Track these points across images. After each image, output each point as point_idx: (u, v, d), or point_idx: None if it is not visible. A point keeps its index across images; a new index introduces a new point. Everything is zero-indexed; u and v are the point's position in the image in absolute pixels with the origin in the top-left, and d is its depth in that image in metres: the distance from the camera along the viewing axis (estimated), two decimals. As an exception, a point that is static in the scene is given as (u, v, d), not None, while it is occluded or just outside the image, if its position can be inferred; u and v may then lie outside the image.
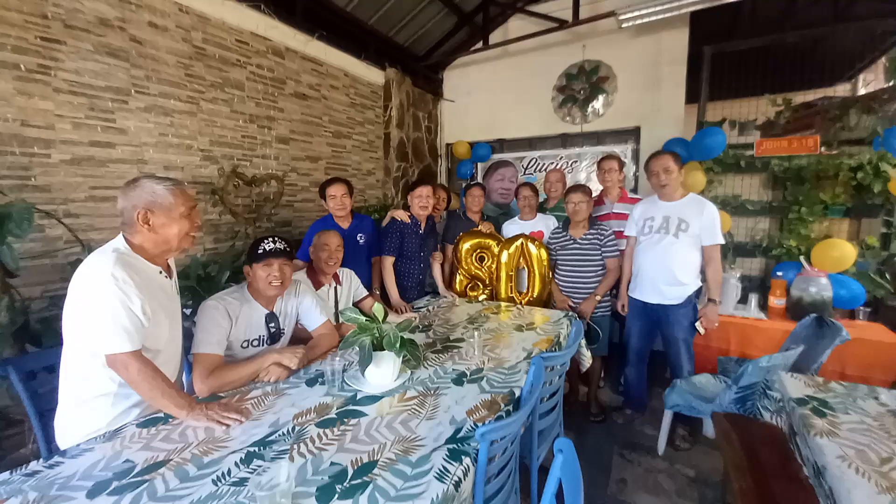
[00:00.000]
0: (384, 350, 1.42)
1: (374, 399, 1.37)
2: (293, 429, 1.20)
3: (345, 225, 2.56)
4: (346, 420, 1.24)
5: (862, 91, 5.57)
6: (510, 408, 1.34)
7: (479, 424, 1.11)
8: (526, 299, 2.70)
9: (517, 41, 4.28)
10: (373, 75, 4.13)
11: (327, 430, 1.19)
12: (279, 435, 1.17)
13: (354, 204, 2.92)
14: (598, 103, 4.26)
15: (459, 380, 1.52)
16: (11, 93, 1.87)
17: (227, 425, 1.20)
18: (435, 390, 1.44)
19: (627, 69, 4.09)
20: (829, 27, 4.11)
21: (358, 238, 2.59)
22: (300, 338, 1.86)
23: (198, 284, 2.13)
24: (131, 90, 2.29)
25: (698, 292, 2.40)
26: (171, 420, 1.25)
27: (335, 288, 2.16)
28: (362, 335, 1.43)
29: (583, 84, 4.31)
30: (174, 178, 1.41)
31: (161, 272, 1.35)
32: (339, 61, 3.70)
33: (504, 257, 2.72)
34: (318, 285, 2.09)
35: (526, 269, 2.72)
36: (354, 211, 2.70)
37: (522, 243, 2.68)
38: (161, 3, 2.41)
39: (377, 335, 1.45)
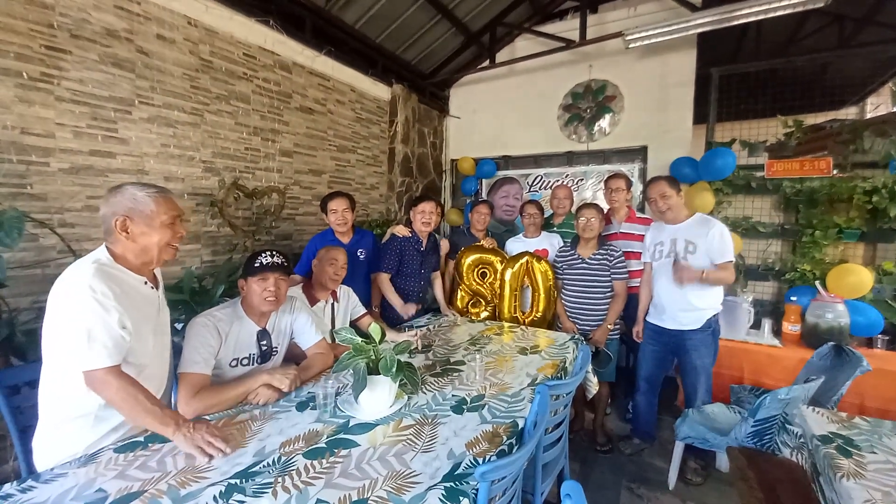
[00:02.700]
0: (380, 374, 1.34)
1: (367, 427, 1.29)
2: (279, 459, 1.11)
3: (345, 240, 2.51)
4: (336, 450, 1.16)
5: (870, 114, 5.53)
6: (513, 440, 1.24)
7: (480, 460, 1.03)
8: (529, 318, 2.61)
9: (524, 60, 4.29)
10: (379, 91, 4.14)
11: (315, 462, 1.10)
12: (264, 465, 1.08)
13: (357, 218, 2.87)
14: (604, 122, 4.24)
15: (459, 407, 1.43)
16: (12, 100, 1.84)
17: (211, 456, 1.12)
18: (433, 419, 1.35)
19: (634, 89, 4.07)
20: (836, 52, 4.11)
21: (358, 254, 2.53)
22: (293, 353, 1.79)
23: (191, 298, 2.07)
24: (135, 100, 2.27)
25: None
26: (150, 445, 1.17)
27: (332, 304, 2.10)
28: (357, 358, 1.35)
29: (589, 103, 4.30)
30: (160, 185, 1.36)
31: (146, 282, 1.29)
32: (346, 77, 3.71)
33: (508, 276, 2.64)
34: (313, 301, 2.02)
35: (530, 287, 2.64)
36: (356, 226, 2.65)
37: (528, 261, 2.61)
38: (170, 16, 2.42)
39: (373, 357, 1.37)
